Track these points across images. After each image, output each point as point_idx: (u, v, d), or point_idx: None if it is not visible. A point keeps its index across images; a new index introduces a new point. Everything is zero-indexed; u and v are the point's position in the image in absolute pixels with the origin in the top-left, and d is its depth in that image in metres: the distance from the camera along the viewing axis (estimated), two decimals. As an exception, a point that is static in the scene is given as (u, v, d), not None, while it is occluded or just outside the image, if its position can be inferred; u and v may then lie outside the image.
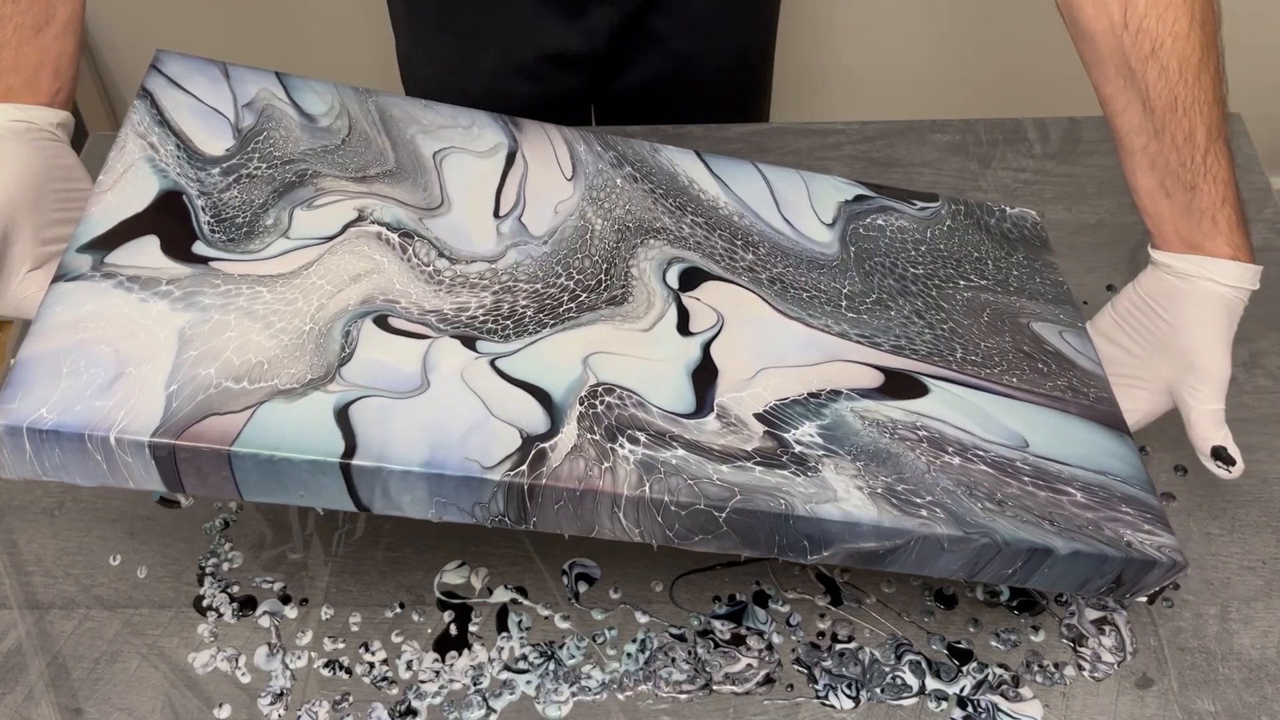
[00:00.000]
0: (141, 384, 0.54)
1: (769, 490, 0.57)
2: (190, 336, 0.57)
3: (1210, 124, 0.66)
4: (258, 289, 0.60)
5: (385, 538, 0.71)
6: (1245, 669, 0.66)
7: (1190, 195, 0.66)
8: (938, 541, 0.58)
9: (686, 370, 0.62)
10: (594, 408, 0.58)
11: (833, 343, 0.66)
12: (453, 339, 0.60)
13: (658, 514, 0.56)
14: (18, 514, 0.72)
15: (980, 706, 0.64)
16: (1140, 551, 0.60)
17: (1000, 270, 0.75)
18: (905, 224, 0.76)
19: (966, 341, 0.69)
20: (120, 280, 0.58)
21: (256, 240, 0.62)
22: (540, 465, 0.55)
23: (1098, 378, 0.69)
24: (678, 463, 0.57)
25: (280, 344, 0.57)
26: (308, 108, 0.69)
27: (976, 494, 0.60)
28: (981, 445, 0.63)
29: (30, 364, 0.54)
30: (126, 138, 0.65)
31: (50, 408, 0.53)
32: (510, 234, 0.67)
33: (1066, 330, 0.72)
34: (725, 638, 0.66)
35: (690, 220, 0.71)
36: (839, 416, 0.62)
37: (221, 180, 0.64)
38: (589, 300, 0.64)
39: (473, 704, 0.63)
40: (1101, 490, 0.63)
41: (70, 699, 0.63)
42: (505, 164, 0.71)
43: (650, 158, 0.75)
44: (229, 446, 0.53)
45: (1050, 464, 0.63)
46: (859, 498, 0.58)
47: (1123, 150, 0.69)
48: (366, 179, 0.67)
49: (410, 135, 0.70)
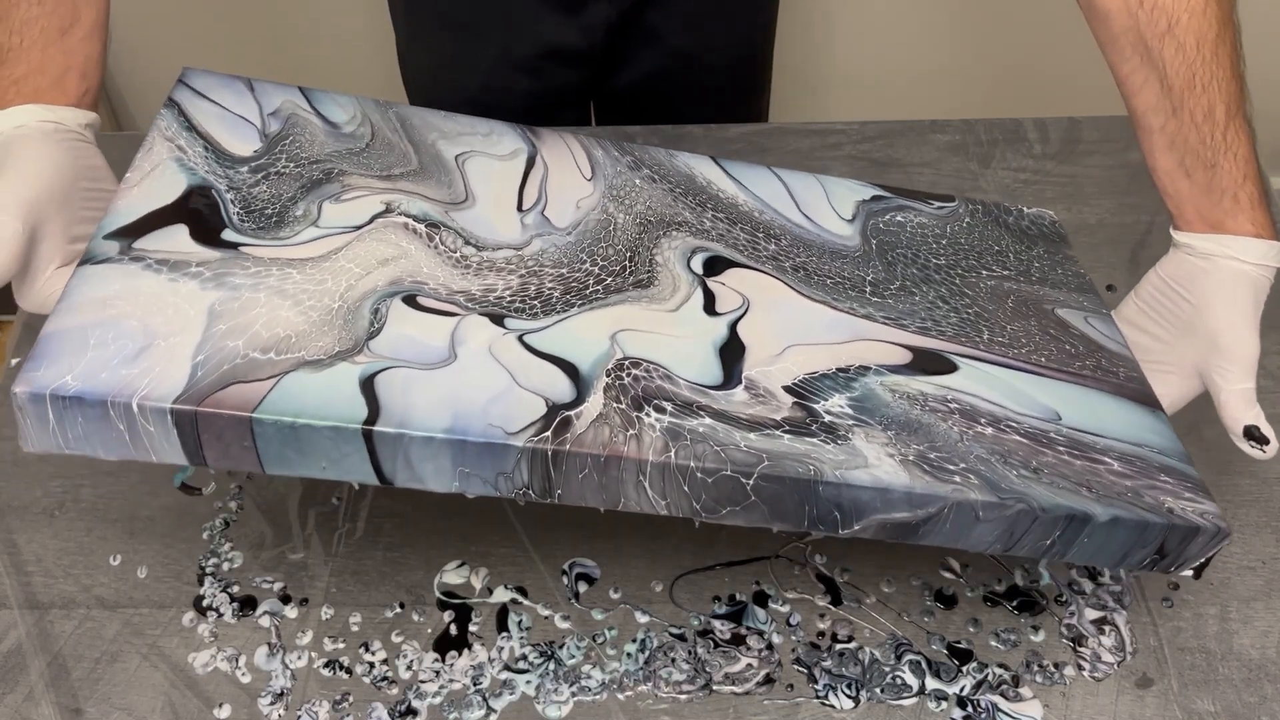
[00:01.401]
0: (169, 354, 0.54)
1: (797, 456, 0.56)
2: (220, 312, 0.57)
3: (1229, 100, 0.65)
4: (287, 270, 0.60)
5: (385, 538, 0.71)
6: (1245, 669, 0.66)
7: (1211, 173, 0.65)
8: (972, 509, 0.57)
9: (714, 346, 0.62)
10: (620, 379, 0.59)
11: (859, 323, 0.66)
12: (481, 315, 0.60)
13: (684, 482, 0.56)
14: (18, 514, 0.72)
15: (980, 706, 0.64)
16: (1183, 518, 0.59)
17: (1022, 262, 0.75)
18: (925, 220, 0.77)
19: (993, 324, 0.69)
20: (149, 263, 0.58)
21: (286, 229, 0.62)
22: (564, 432, 0.55)
23: (1127, 359, 0.69)
24: (705, 430, 0.57)
25: (309, 319, 0.57)
26: (331, 116, 0.71)
27: (1011, 462, 0.59)
28: (1014, 417, 0.62)
29: (56, 338, 0.54)
30: (154, 141, 0.65)
31: (75, 375, 0.52)
32: (534, 225, 0.68)
33: (1092, 316, 0.72)
34: (725, 638, 0.66)
35: (711, 215, 0.72)
36: (868, 389, 0.62)
37: (250, 177, 0.65)
38: (615, 283, 0.65)
39: (473, 704, 0.63)
40: (1139, 460, 0.62)
41: (70, 699, 0.63)
42: (526, 165, 0.72)
43: (667, 161, 0.76)
44: (250, 413, 0.53)
45: (1084, 435, 0.62)
46: (890, 464, 0.57)
47: (1140, 130, 0.68)
48: (392, 178, 0.68)
49: (431, 140, 0.72)
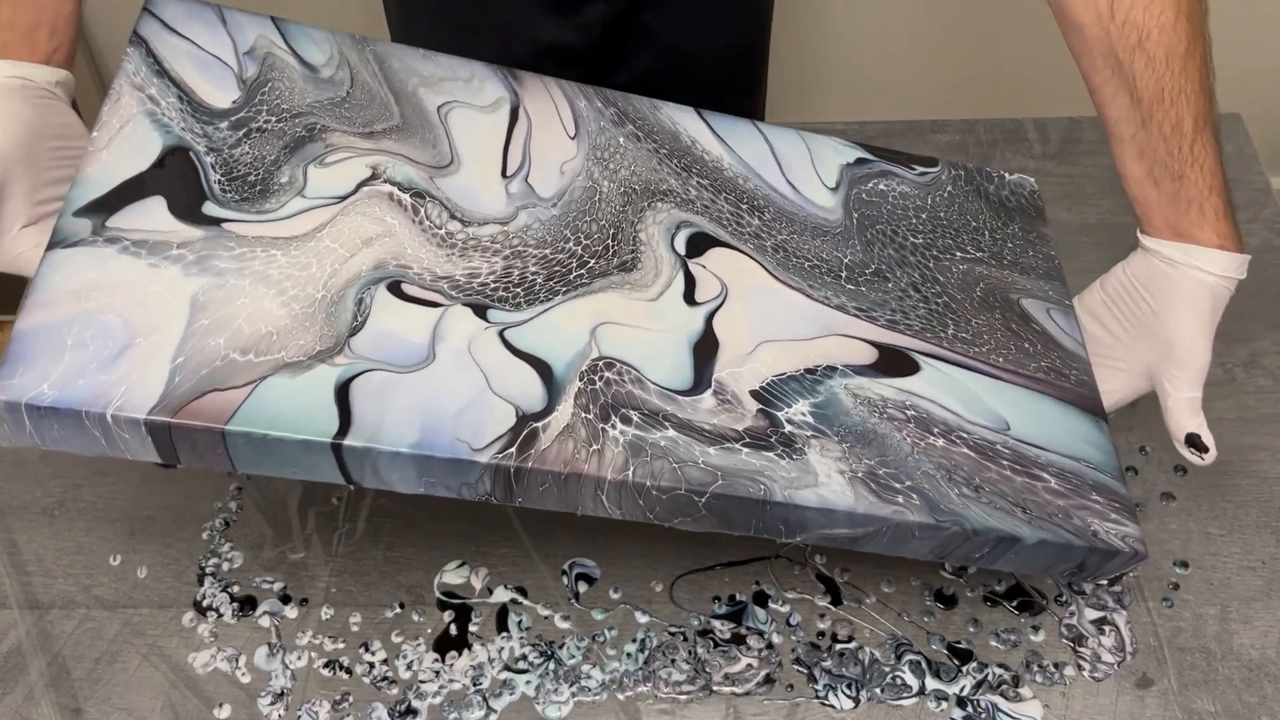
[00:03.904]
0: (148, 356, 0.52)
1: (751, 475, 0.58)
2: (203, 303, 0.55)
3: (1197, 114, 0.66)
4: (272, 252, 0.58)
5: (385, 538, 0.71)
6: (1245, 669, 0.66)
7: (1178, 184, 0.67)
8: (909, 529, 0.59)
9: (689, 343, 0.63)
10: (593, 384, 0.59)
11: (831, 316, 0.67)
12: (464, 307, 0.59)
13: (639, 497, 0.57)
14: (18, 514, 0.72)
15: (980, 706, 0.64)
16: (1104, 541, 0.62)
17: (996, 242, 0.76)
18: (907, 190, 0.77)
19: (959, 317, 0.70)
20: (125, 245, 0.56)
21: (272, 199, 0.60)
22: (529, 447, 0.55)
23: (1080, 360, 0.70)
24: (666, 444, 0.57)
25: (291, 313, 0.56)
26: (308, 57, 0.67)
27: (955, 478, 0.61)
28: (966, 427, 0.64)
29: (30, 336, 0.52)
30: (121, 90, 0.61)
31: (52, 383, 0.51)
32: (519, 195, 0.66)
33: (1054, 308, 0.73)
34: (725, 638, 0.66)
35: (696, 182, 0.72)
36: (832, 394, 0.63)
37: (231, 135, 0.61)
38: (598, 266, 0.64)
39: (473, 704, 0.63)
40: (1075, 477, 0.64)
41: (70, 699, 0.63)
42: (510, 120, 0.70)
43: (651, 115, 0.75)
44: (224, 425, 0.51)
45: (1029, 448, 0.64)
46: (839, 483, 0.59)
47: (1112, 139, 0.70)
48: (374, 135, 0.65)
49: (412, 88, 0.68)
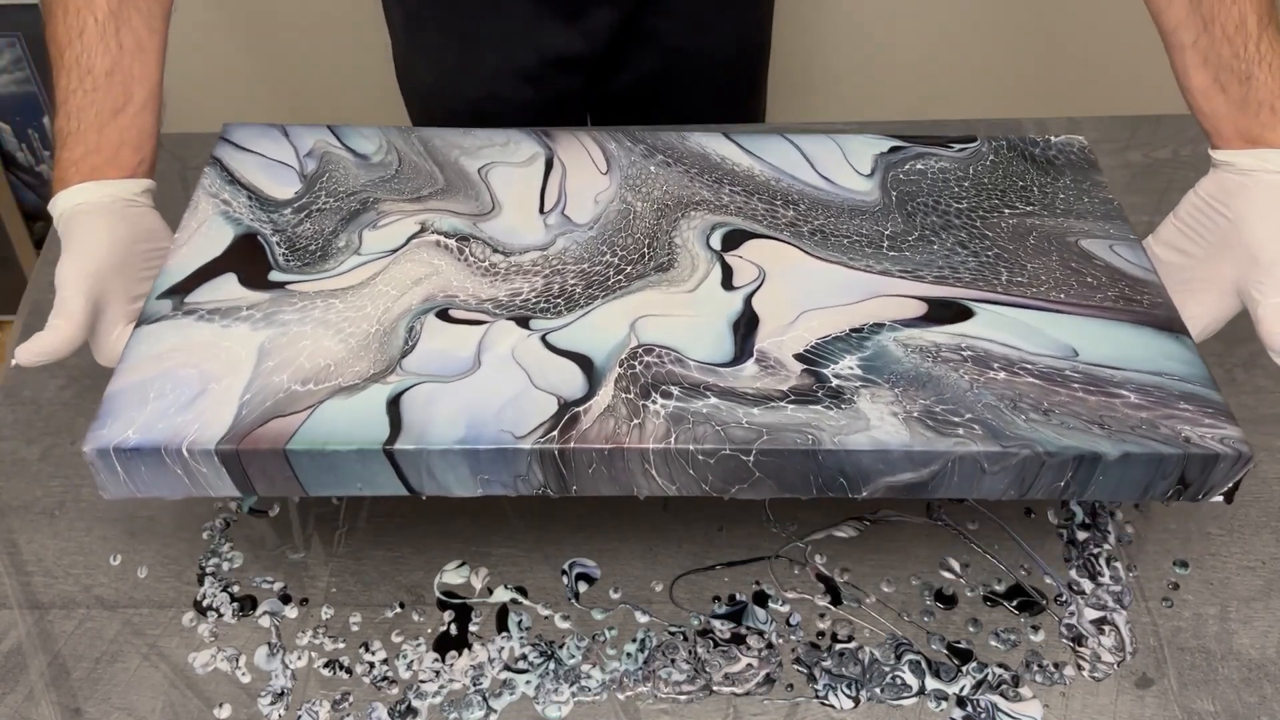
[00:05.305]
0: (220, 397, 0.58)
1: (797, 427, 0.57)
2: (269, 349, 0.61)
3: (1260, 10, 0.64)
4: (331, 300, 0.64)
5: (385, 538, 0.71)
6: (1245, 669, 0.66)
7: (1246, 86, 0.64)
8: (976, 462, 0.57)
9: (728, 322, 0.63)
10: (633, 368, 0.60)
11: (874, 281, 0.66)
12: (508, 320, 0.63)
13: (687, 465, 0.57)
14: (18, 514, 0.72)
15: (980, 706, 0.64)
16: (1200, 446, 0.57)
17: (1046, 195, 0.74)
18: (946, 165, 0.76)
19: (1012, 264, 0.68)
20: (201, 314, 0.63)
21: (330, 260, 0.67)
22: (571, 429, 0.57)
23: (1152, 285, 0.67)
24: (708, 411, 0.58)
25: (348, 346, 0.61)
26: (359, 149, 0.76)
27: (1021, 406, 0.59)
28: (1028, 359, 0.62)
29: (118, 396, 0.58)
30: (199, 200, 0.70)
31: (136, 429, 0.57)
32: (557, 225, 0.70)
33: (1117, 244, 0.70)
34: (725, 638, 0.66)
35: (729, 190, 0.73)
36: (880, 347, 0.62)
37: (294, 218, 0.70)
38: (635, 271, 0.67)
39: (473, 704, 0.63)
40: (1157, 390, 0.60)
41: (70, 699, 0.63)
42: (545, 169, 0.75)
43: (679, 144, 0.77)
44: (284, 445, 0.56)
45: (1102, 369, 0.61)
46: (892, 424, 0.57)
47: (1172, 49, 0.67)
48: (421, 199, 0.72)
49: (454, 158, 0.75)
